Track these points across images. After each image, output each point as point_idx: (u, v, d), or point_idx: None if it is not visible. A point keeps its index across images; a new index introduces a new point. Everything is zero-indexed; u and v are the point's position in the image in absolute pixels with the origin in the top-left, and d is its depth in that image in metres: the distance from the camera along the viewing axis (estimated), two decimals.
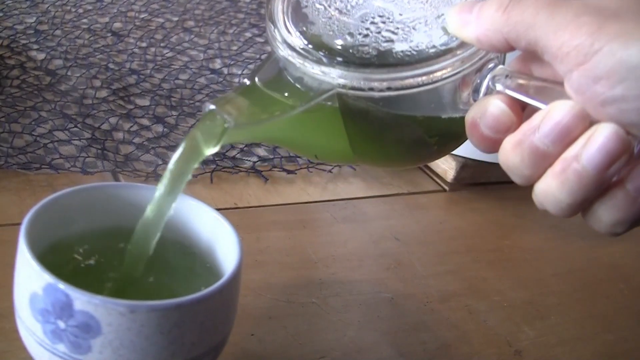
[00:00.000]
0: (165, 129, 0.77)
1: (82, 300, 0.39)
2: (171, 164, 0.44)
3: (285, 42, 0.44)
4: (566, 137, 0.37)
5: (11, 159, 0.67)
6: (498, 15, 0.39)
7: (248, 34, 1.04)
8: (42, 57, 0.85)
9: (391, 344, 0.57)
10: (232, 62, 0.95)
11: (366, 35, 0.43)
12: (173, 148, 0.74)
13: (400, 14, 0.44)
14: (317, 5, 0.46)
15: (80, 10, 1.00)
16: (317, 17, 0.45)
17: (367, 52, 0.43)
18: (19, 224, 0.43)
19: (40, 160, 0.68)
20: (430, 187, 0.80)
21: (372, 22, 0.44)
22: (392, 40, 0.43)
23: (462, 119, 0.42)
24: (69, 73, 0.83)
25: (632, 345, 0.63)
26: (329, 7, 0.45)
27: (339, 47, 0.43)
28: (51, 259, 0.43)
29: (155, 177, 0.69)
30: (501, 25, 0.39)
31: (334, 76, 0.42)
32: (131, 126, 0.76)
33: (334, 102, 0.43)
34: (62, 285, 0.39)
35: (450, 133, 0.46)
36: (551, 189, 0.38)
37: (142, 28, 0.99)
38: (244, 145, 0.77)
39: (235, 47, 0.99)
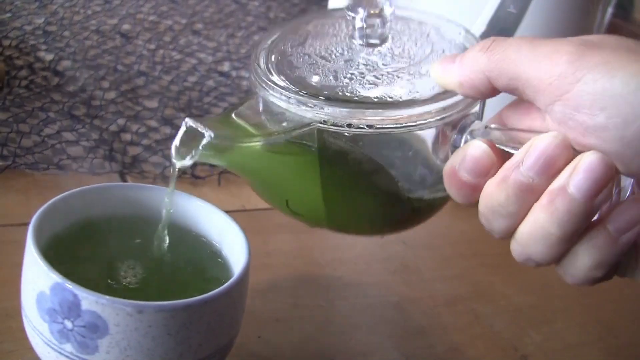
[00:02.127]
0: (173, 131, 0.77)
1: (89, 300, 0.39)
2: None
3: (268, 80, 0.44)
4: (551, 168, 0.37)
5: (19, 159, 0.68)
6: (480, 55, 0.39)
7: (256, 37, 1.04)
8: (51, 58, 0.86)
9: (397, 347, 0.57)
10: (240, 65, 0.95)
11: (350, 79, 0.43)
12: None
13: (384, 65, 0.44)
14: (302, 54, 0.46)
15: (89, 12, 1.00)
16: (301, 63, 0.45)
17: (350, 92, 0.43)
18: (26, 224, 0.43)
19: (48, 161, 0.68)
20: None
21: (357, 69, 0.44)
22: (375, 85, 0.43)
23: (439, 177, 0.42)
24: (77, 74, 0.83)
25: (638, 350, 0.63)
26: (314, 54, 0.45)
27: (322, 86, 0.43)
28: (58, 258, 0.43)
29: (163, 178, 0.70)
30: (484, 64, 0.39)
31: (314, 110, 0.42)
32: (139, 128, 0.76)
33: (313, 141, 0.43)
34: (69, 285, 0.40)
35: (426, 193, 0.46)
36: (540, 222, 0.37)
37: (151, 30, 0.99)
38: None
39: (243, 50, 0.99)
